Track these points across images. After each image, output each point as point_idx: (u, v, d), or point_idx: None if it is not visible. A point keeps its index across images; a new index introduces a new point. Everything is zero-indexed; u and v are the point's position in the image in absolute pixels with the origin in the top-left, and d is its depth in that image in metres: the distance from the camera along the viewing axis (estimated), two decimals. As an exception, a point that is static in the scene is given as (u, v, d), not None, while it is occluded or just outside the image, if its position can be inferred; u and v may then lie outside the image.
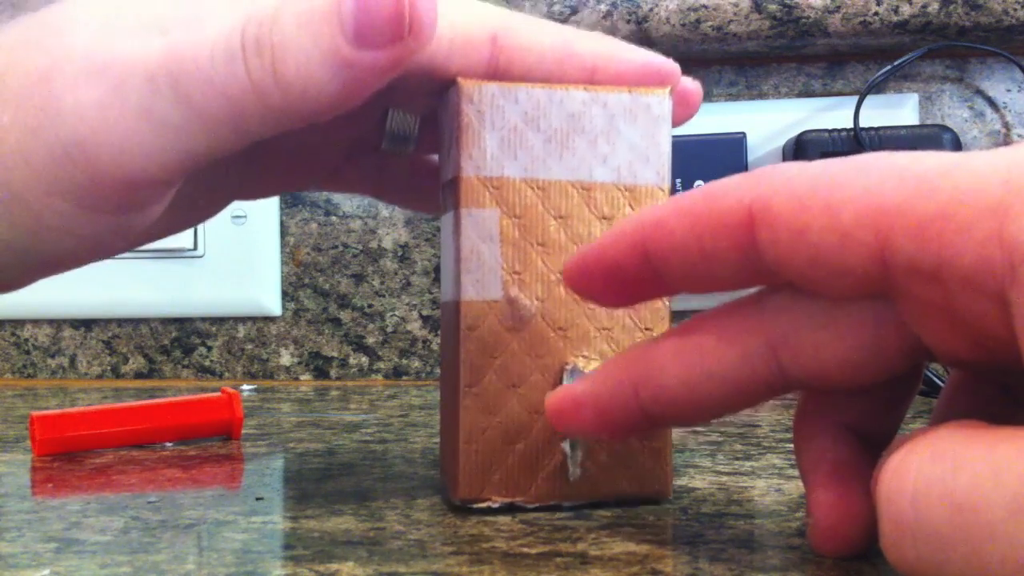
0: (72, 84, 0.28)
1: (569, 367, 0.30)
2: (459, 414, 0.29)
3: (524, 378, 0.29)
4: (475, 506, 0.29)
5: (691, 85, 0.32)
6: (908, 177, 0.20)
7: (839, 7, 0.63)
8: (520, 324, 0.29)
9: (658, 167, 0.30)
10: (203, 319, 0.75)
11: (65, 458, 0.40)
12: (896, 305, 0.22)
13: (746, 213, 0.22)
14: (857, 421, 0.25)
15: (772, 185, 0.22)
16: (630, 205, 0.30)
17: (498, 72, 0.30)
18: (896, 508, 0.19)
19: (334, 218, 0.73)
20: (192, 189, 0.33)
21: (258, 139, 0.29)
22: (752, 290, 0.25)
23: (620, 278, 0.25)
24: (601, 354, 0.30)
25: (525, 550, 0.25)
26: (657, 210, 0.24)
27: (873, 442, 0.25)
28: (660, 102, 0.30)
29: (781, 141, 0.66)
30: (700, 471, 0.35)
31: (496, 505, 0.29)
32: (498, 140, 0.29)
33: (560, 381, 0.29)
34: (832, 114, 0.66)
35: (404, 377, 0.72)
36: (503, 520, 0.28)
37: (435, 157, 0.36)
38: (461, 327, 0.29)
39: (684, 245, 0.23)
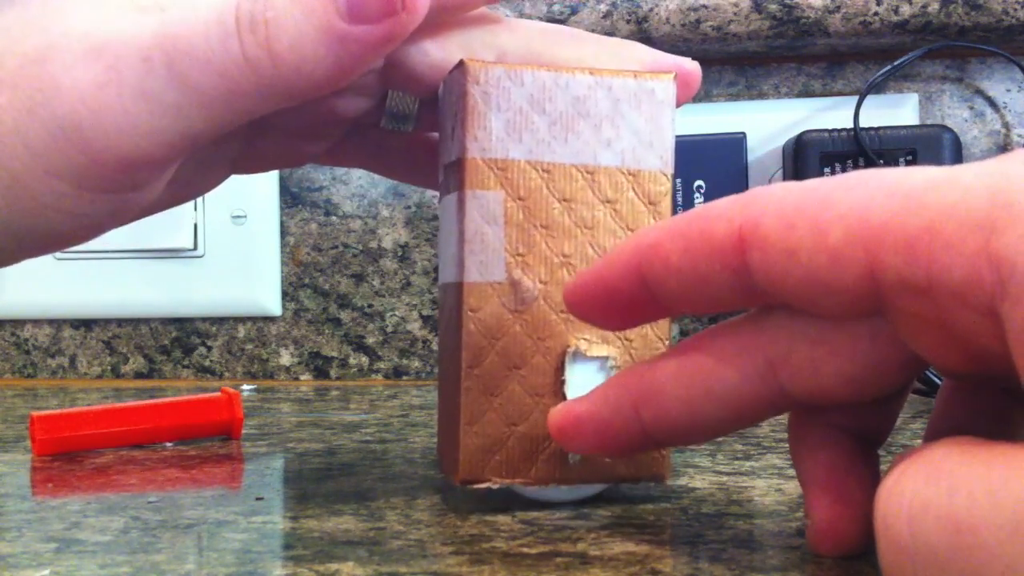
0: (69, 64, 0.28)
1: (571, 349, 0.30)
2: (460, 396, 0.29)
3: (526, 360, 0.29)
4: (475, 487, 0.29)
5: (690, 66, 0.32)
6: (896, 193, 0.20)
7: (839, 7, 0.63)
8: (523, 306, 0.29)
9: (662, 152, 0.30)
10: (203, 319, 0.75)
11: (65, 458, 0.40)
12: (890, 321, 0.22)
13: (737, 236, 0.22)
14: (852, 422, 0.25)
15: (761, 207, 0.22)
16: (633, 189, 0.30)
17: None
18: (893, 530, 0.19)
19: (334, 218, 0.73)
20: (190, 164, 0.33)
21: (255, 116, 0.29)
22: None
23: (619, 301, 0.25)
24: (602, 337, 0.30)
25: (525, 550, 0.25)
26: (652, 233, 0.24)
27: (869, 441, 0.25)
28: (664, 88, 0.30)
29: (781, 141, 0.66)
30: (700, 471, 0.35)
31: (496, 487, 0.29)
32: (503, 122, 0.29)
33: (562, 364, 0.29)
34: (832, 114, 0.66)
35: (404, 377, 0.72)
36: (503, 520, 0.28)
37: (435, 135, 0.36)
38: (463, 308, 0.29)
39: (679, 268, 0.23)
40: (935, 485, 0.18)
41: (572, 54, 0.31)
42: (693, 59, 0.33)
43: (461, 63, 0.29)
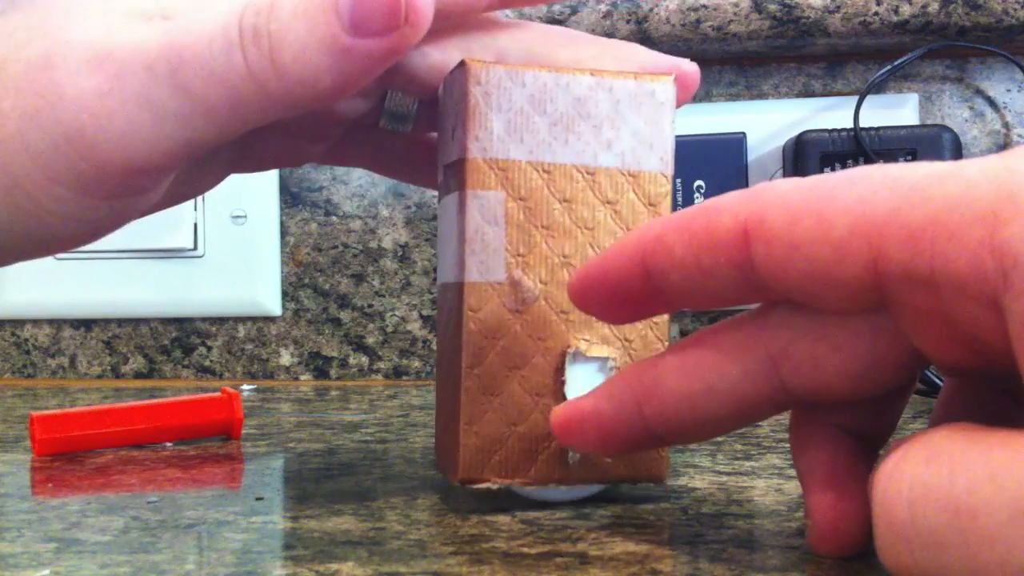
0: (73, 72, 0.28)
1: (571, 350, 0.30)
2: (460, 395, 0.29)
3: (526, 360, 0.29)
4: (474, 487, 0.29)
5: (689, 68, 0.32)
6: (900, 187, 0.20)
7: (839, 7, 0.63)
8: (523, 306, 0.29)
9: (662, 153, 0.30)
10: (203, 319, 0.75)
11: (65, 458, 0.40)
12: (892, 315, 0.22)
13: (741, 230, 0.22)
14: (853, 422, 0.25)
15: (766, 201, 0.22)
16: (634, 191, 0.30)
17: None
18: (892, 512, 0.19)
19: (334, 218, 0.73)
20: (190, 166, 0.33)
21: (258, 125, 0.29)
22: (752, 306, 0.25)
23: (622, 294, 0.25)
24: (602, 338, 0.30)
25: (525, 550, 0.25)
26: (657, 226, 0.24)
27: (870, 441, 0.25)
28: (665, 89, 0.30)
29: (781, 141, 0.66)
30: (700, 471, 0.35)
31: (495, 486, 0.29)
32: (504, 122, 0.29)
33: (562, 364, 0.29)
34: (832, 114, 0.66)
35: (404, 377, 0.72)
36: (503, 520, 0.28)
37: (434, 134, 0.36)
38: (464, 308, 0.29)
39: (683, 262, 0.23)
40: (936, 468, 0.18)
41: (571, 56, 0.31)
42: (693, 60, 0.33)
43: (462, 63, 0.29)
